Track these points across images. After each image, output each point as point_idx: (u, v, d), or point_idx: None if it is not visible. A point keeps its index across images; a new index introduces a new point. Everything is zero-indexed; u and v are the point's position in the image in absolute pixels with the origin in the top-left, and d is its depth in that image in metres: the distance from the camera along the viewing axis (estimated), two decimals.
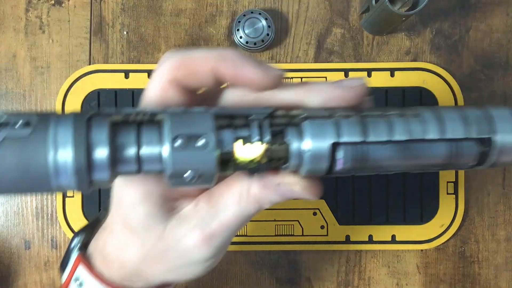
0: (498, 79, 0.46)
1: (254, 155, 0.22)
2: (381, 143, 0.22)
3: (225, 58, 0.22)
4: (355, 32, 0.45)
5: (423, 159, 0.23)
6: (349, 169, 0.23)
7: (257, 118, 0.22)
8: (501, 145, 0.23)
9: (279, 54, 0.45)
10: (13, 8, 0.45)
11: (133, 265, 0.28)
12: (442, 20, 0.46)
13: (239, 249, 0.45)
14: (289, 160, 0.22)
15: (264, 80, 0.23)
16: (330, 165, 0.22)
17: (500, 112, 0.23)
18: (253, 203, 0.25)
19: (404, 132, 0.22)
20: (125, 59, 0.45)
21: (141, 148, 0.21)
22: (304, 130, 0.22)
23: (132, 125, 0.21)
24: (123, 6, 0.45)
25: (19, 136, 0.19)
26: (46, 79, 0.45)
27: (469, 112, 0.23)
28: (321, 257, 0.45)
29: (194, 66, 0.23)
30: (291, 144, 0.22)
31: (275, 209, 0.44)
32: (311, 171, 0.23)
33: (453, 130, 0.23)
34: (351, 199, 0.44)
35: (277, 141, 0.22)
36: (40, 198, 0.45)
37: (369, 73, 0.45)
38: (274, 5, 0.45)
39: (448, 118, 0.23)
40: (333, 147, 0.22)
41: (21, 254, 0.45)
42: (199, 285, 0.45)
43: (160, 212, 0.25)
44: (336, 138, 0.22)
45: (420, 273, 0.45)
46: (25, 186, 0.20)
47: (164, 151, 0.21)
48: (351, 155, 0.22)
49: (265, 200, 0.25)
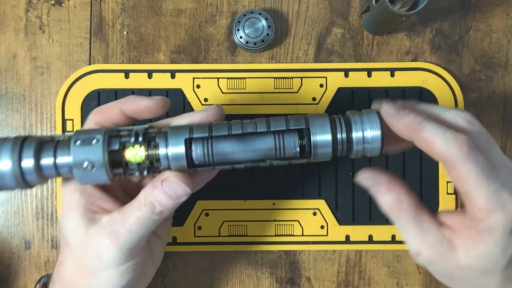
0: (498, 79, 0.46)
1: (138, 157, 0.31)
2: (223, 136, 0.31)
3: (126, 100, 0.32)
4: (355, 32, 0.45)
5: (258, 148, 0.31)
6: (205, 159, 0.31)
7: (136, 130, 0.31)
8: (314, 139, 0.31)
9: (279, 54, 0.45)
10: (13, 8, 0.45)
11: (70, 281, 0.33)
12: (442, 20, 0.46)
13: (239, 249, 0.45)
14: (161, 159, 0.31)
15: (153, 106, 0.32)
16: (189, 157, 0.31)
17: (315, 115, 0.32)
18: (149, 206, 0.31)
19: (239, 128, 0.31)
20: (125, 59, 0.45)
21: (56, 158, 0.30)
22: (168, 134, 0.31)
23: (52, 143, 0.31)
24: (123, 6, 0.45)
25: None
26: (46, 79, 0.45)
27: (291, 116, 0.32)
28: (321, 257, 0.45)
29: (107, 112, 0.33)
30: (159, 144, 0.31)
31: (275, 209, 0.44)
32: (177, 162, 0.31)
33: (276, 125, 0.31)
34: (351, 199, 0.44)
35: (151, 145, 0.31)
36: (40, 198, 0.45)
37: (369, 73, 0.45)
38: (274, 5, 0.45)
39: (273, 119, 0.32)
40: (187, 142, 0.31)
41: (21, 254, 0.45)
42: (199, 285, 0.45)
43: (83, 220, 0.32)
44: (188, 135, 0.31)
45: (420, 273, 0.45)
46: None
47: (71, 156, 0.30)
48: (202, 147, 0.31)
49: (156, 201, 0.31)
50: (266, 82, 0.44)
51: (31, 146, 0.30)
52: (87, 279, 0.32)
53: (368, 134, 0.31)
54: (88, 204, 0.32)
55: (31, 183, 0.31)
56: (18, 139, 0.30)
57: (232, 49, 0.45)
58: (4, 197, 0.45)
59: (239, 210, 0.44)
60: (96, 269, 0.32)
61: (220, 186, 0.44)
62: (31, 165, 0.30)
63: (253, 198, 0.44)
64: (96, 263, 0.32)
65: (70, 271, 0.33)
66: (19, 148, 0.30)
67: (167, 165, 0.31)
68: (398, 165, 0.44)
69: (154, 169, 0.32)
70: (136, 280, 0.34)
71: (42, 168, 0.30)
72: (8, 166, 0.30)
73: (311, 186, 0.44)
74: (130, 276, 0.33)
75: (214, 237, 0.44)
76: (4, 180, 0.30)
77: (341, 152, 0.32)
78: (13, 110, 0.45)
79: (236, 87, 0.44)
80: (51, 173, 0.31)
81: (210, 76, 0.44)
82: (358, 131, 0.31)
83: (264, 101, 0.44)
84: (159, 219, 0.32)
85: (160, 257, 0.39)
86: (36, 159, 0.30)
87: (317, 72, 0.45)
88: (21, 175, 0.30)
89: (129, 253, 0.32)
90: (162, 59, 0.45)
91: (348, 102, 0.44)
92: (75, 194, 0.32)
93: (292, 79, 0.45)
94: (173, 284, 0.45)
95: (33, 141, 0.30)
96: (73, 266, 0.33)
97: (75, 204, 0.32)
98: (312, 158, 0.31)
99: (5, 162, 0.30)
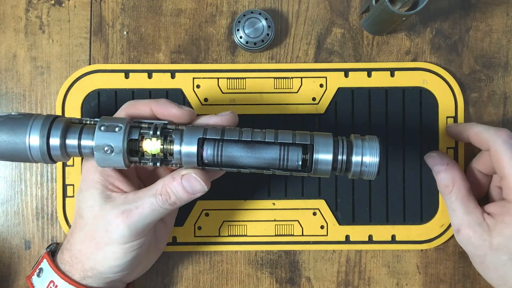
0: (498, 79, 0.46)
1: (154, 149, 0.34)
2: (233, 141, 0.34)
3: (158, 103, 0.35)
4: (355, 32, 0.45)
5: (263, 156, 0.34)
6: (214, 160, 0.34)
7: (156, 124, 0.34)
8: (316, 157, 0.33)
9: (279, 54, 0.45)
10: (13, 8, 0.45)
11: (78, 252, 0.36)
12: (442, 20, 0.46)
13: (239, 249, 0.45)
14: (174, 153, 0.34)
15: (180, 116, 0.35)
16: (200, 156, 0.34)
17: (321, 134, 0.34)
18: (164, 195, 0.34)
19: (249, 136, 0.34)
20: (125, 59, 0.45)
21: (81, 140, 0.34)
22: (183, 132, 0.34)
23: (79, 125, 0.35)
24: (123, 6, 0.45)
25: (14, 117, 0.34)
26: (46, 79, 0.45)
27: (299, 132, 0.35)
28: (321, 257, 0.45)
29: (139, 108, 0.36)
30: (175, 140, 0.34)
31: (275, 209, 0.44)
32: (188, 158, 0.34)
33: (283, 137, 0.34)
34: (351, 199, 0.44)
35: (167, 139, 0.34)
36: (40, 198, 0.45)
37: (369, 73, 0.45)
38: (274, 5, 0.45)
39: (281, 132, 0.34)
40: (200, 142, 0.34)
41: (21, 254, 0.45)
42: (199, 285, 0.45)
43: (100, 196, 0.35)
44: (202, 135, 0.34)
45: (420, 273, 0.45)
46: (13, 154, 0.34)
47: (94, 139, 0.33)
48: (213, 148, 0.34)
49: (172, 192, 0.34)
50: (266, 82, 0.44)
51: (59, 125, 0.34)
52: (94, 251, 0.35)
53: (366, 160, 0.34)
54: (106, 183, 0.36)
55: (55, 159, 0.34)
56: (50, 117, 0.34)
57: (232, 49, 0.45)
58: (4, 197, 0.45)
59: (239, 210, 0.44)
60: (104, 243, 0.35)
61: (220, 186, 0.44)
62: (57, 144, 0.33)
63: (253, 198, 0.44)
64: (104, 237, 0.35)
65: (79, 242, 0.36)
66: (48, 126, 0.33)
67: (179, 160, 0.34)
68: (399, 165, 0.44)
69: (166, 162, 0.35)
70: (138, 261, 0.37)
71: (67, 147, 0.34)
72: (36, 141, 0.33)
73: (311, 186, 0.44)
74: (133, 255, 0.36)
75: (214, 237, 0.44)
76: (32, 153, 0.33)
77: (340, 171, 0.34)
78: (13, 110, 0.45)
79: (236, 87, 0.44)
80: (74, 152, 0.34)
81: (210, 76, 0.44)
82: (358, 155, 0.34)
83: (264, 101, 0.44)
84: (170, 210, 0.35)
85: (164, 243, 0.42)
86: (62, 138, 0.34)
87: (317, 72, 0.45)
88: (47, 151, 0.33)
89: (136, 233, 0.35)
90: (162, 59, 0.45)
91: (348, 102, 0.44)
92: (96, 173, 0.36)
93: (292, 79, 0.45)
94: (173, 284, 0.45)
95: (62, 121, 0.34)
96: (83, 237, 0.36)
97: (95, 182, 0.36)
98: (312, 173, 0.34)
99: (35, 138, 0.33)
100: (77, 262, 0.37)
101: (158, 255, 0.41)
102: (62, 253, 0.38)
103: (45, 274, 0.37)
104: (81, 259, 0.36)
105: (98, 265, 0.36)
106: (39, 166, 0.45)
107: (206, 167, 0.34)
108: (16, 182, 0.45)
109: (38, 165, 0.45)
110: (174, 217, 0.42)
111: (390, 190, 0.44)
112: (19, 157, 0.34)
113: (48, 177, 0.45)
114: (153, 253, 0.40)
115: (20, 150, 0.33)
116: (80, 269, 0.36)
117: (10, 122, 0.34)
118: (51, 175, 0.45)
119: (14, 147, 0.33)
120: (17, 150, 0.33)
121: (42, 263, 0.38)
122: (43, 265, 0.38)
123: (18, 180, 0.45)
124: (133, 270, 0.38)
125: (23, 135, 0.33)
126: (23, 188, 0.45)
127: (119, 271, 0.36)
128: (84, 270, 0.36)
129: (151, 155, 0.34)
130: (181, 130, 0.34)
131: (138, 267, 0.39)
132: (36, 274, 0.38)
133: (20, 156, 0.34)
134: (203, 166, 0.34)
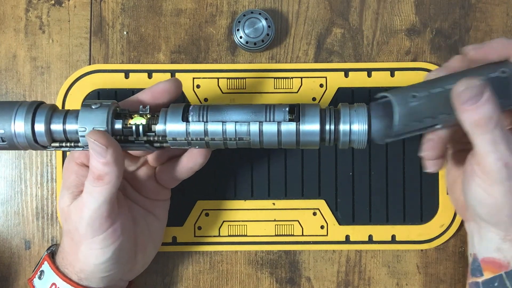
0: None
1: (139, 121, 0.34)
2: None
3: (143, 92, 0.37)
4: (355, 32, 0.45)
5: (249, 109, 0.34)
6: (199, 113, 0.33)
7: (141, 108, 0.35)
8: (303, 128, 0.33)
9: (279, 54, 0.45)
10: (13, 8, 0.45)
11: (66, 254, 0.36)
12: (442, 20, 0.46)
13: (239, 249, 0.45)
14: (160, 116, 0.34)
15: (168, 86, 0.36)
16: (185, 111, 0.34)
17: (307, 104, 0.34)
18: (90, 174, 0.33)
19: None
20: (125, 59, 0.45)
21: (65, 124, 0.34)
22: (168, 108, 0.34)
23: (62, 111, 0.35)
24: (123, 6, 0.45)
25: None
26: (46, 79, 0.45)
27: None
28: (321, 257, 0.45)
29: (128, 105, 0.36)
30: (160, 114, 0.34)
31: (275, 209, 0.44)
32: (172, 115, 0.34)
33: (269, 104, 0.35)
34: (351, 199, 0.44)
35: (154, 116, 0.34)
36: (40, 198, 0.45)
37: (369, 73, 0.45)
38: (274, 5, 0.45)
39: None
40: (186, 107, 0.34)
41: (21, 254, 0.45)
42: (199, 285, 0.45)
43: (69, 197, 0.35)
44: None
45: (420, 273, 0.45)
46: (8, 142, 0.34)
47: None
48: (198, 107, 0.34)
49: (91, 167, 0.33)
50: (266, 82, 0.44)
51: (44, 111, 0.34)
52: (76, 252, 0.35)
53: (355, 128, 0.33)
54: (79, 185, 0.35)
55: (41, 144, 0.34)
56: (33, 103, 0.34)
57: (232, 49, 0.45)
58: (4, 197, 0.45)
59: (239, 210, 0.44)
60: (79, 242, 0.35)
61: (220, 186, 0.44)
62: (42, 130, 0.34)
63: (253, 198, 0.44)
64: (77, 236, 0.35)
65: (66, 245, 0.37)
66: (32, 112, 0.34)
67: (163, 122, 0.34)
68: (399, 165, 0.44)
69: (150, 133, 0.34)
70: (125, 256, 0.36)
71: (53, 133, 0.34)
72: (21, 128, 0.33)
73: (311, 186, 0.44)
74: (113, 249, 0.35)
75: (214, 237, 0.44)
76: (18, 139, 0.34)
77: (329, 142, 0.34)
78: None
79: (236, 87, 0.44)
80: (59, 137, 0.35)
81: (210, 76, 0.44)
82: (346, 124, 0.33)
83: (264, 101, 0.44)
84: (106, 188, 0.33)
85: (160, 237, 0.41)
86: (47, 124, 0.34)
87: (317, 72, 0.45)
88: (33, 137, 0.34)
89: (93, 222, 0.34)
90: (162, 59, 0.45)
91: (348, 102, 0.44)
92: (71, 175, 0.36)
93: (292, 79, 0.45)
94: (173, 284, 0.45)
95: (46, 107, 0.34)
96: (66, 240, 0.37)
97: (67, 186, 0.36)
98: (302, 143, 0.33)
99: (20, 124, 0.33)
100: (69, 265, 0.37)
101: (155, 250, 0.41)
102: (58, 255, 0.38)
103: (47, 276, 0.37)
104: (71, 262, 0.37)
105: (84, 266, 0.36)
106: (39, 166, 0.45)
107: (190, 127, 0.33)
108: (16, 182, 0.45)
109: (38, 165, 0.45)
110: (166, 210, 0.41)
111: (390, 190, 0.44)
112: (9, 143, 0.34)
113: (48, 177, 0.45)
114: (149, 247, 0.40)
115: (5, 135, 0.34)
116: (73, 271, 0.37)
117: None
118: (51, 175, 0.45)
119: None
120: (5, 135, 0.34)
121: (43, 265, 0.38)
122: (44, 268, 0.38)
123: (18, 180, 0.45)
124: (130, 266, 0.38)
125: (8, 122, 0.33)
126: (23, 188, 0.45)
127: (107, 269, 0.36)
128: (76, 272, 0.36)
129: (134, 124, 0.34)
130: (165, 109, 0.34)
131: (132, 262, 0.38)
132: (37, 277, 0.38)
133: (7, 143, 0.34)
134: (186, 122, 0.33)
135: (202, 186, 0.44)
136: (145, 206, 0.39)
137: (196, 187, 0.44)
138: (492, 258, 0.35)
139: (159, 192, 0.40)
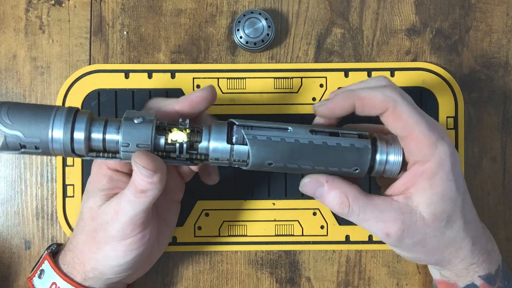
0: (498, 79, 0.46)
1: (181, 138, 0.34)
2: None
3: (178, 101, 0.36)
4: (355, 32, 0.45)
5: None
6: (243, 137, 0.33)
7: (181, 120, 0.35)
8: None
9: (279, 54, 0.45)
10: (13, 8, 0.45)
11: (79, 252, 0.36)
12: (442, 20, 0.46)
13: (239, 249, 0.45)
14: (203, 132, 0.34)
15: (205, 93, 0.36)
16: (229, 133, 0.34)
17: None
18: (132, 186, 0.34)
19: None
20: (125, 59, 0.45)
21: (105, 134, 0.33)
22: (211, 125, 0.34)
23: (101, 119, 0.34)
24: (123, 6, 0.45)
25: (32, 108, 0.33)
26: (46, 79, 0.45)
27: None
28: (321, 257, 0.45)
29: (164, 113, 0.37)
30: (203, 130, 0.34)
31: (275, 209, 0.44)
32: (217, 135, 0.34)
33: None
34: None
35: (194, 131, 0.34)
36: (40, 198, 0.45)
37: (369, 73, 0.45)
38: (274, 5, 0.45)
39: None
40: (230, 124, 0.34)
41: (21, 254, 0.45)
42: (199, 285, 0.45)
43: (101, 199, 0.36)
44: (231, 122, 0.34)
45: (420, 273, 0.45)
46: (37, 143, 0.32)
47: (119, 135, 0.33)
48: (242, 128, 0.34)
49: (135, 181, 0.33)
50: (266, 82, 0.44)
51: (83, 119, 0.33)
52: (95, 251, 0.35)
53: (391, 158, 0.34)
54: (111, 188, 0.36)
55: (77, 152, 0.33)
56: (71, 109, 0.33)
57: (232, 49, 0.45)
58: (4, 197, 0.45)
59: (239, 210, 0.44)
60: (104, 241, 0.35)
61: (220, 186, 0.44)
62: (81, 137, 0.33)
63: (253, 198, 0.44)
64: (103, 236, 0.35)
65: (81, 243, 0.36)
66: (71, 120, 0.33)
67: (207, 140, 0.34)
68: None
69: (193, 151, 0.34)
70: (140, 261, 0.37)
71: (91, 140, 0.33)
72: (60, 135, 0.32)
73: None
74: (134, 254, 0.35)
75: (214, 237, 0.44)
76: (54, 144, 0.32)
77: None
78: None
79: (236, 87, 0.44)
80: (97, 146, 0.34)
81: (210, 76, 0.44)
82: (383, 154, 0.34)
83: (264, 101, 0.44)
84: (147, 199, 0.34)
85: (166, 242, 0.41)
86: (87, 131, 0.33)
87: (317, 72, 0.45)
88: (71, 145, 0.33)
89: (129, 228, 0.34)
90: (162, 59, 0.45)
91: None
92: (104, 178, 0.36)
93: (292, 79, 0.45)
94: (173, 284, 0.45)
95: (85, 114, 0.33)
96: (84, 238, 0.36)
97: (100, 188, 0.36)
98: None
99: (58, 132, 0.32)
100: (78, 263, 0.37)
101: (159, 256, 0.41)
102: (64, 254, 0.38)
103: (47, 275, 0.37)
104: (83, 260, 0.36)
105: (99, 265, 0.36)
106: (39, 166, 0.45)
107: (234, 147, 0.33)
108: (16, 182, 0.45)
109: (38, 165, 0.45)
110: (176, 216, 0.42)
111: None
112: (36, 142, 0.33)
113: (48, 177, 0.45)
114: (155, 253, 0.40)
115: (41, 143, 0.32)
116: (81, 271, 0.36)
117: (28, 113, 0.32)
118: (51, 175, 0.45)
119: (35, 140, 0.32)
120: (39, 143, 0.32)
121: (43, 264, 0.38)
122: (44, 267, 0.38)
123: (18, 180, 0.45)
124: (135, 271, 0.38)
125: (46, 130, 0.32)
126: (23, 188, 0.45)
127: (120, 272, 0.36)
128: (85, 271, 0.36)
129: (177, 142, 0.33)
130: (208, 126, 0.34)
131: (140, 268, 0.39)
132: (37, 276, 0.38)
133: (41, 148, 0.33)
134: (231, 144, 0.34)
135: (202, 186, 0.44)
136: (160, 212, 0.40)
137: (196, 187, 0.44)
138: (442, 280, 0.38)
139: (174, 194, 0.40)
